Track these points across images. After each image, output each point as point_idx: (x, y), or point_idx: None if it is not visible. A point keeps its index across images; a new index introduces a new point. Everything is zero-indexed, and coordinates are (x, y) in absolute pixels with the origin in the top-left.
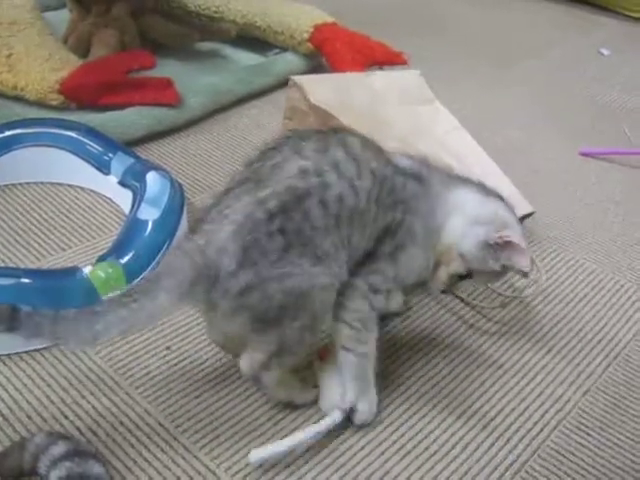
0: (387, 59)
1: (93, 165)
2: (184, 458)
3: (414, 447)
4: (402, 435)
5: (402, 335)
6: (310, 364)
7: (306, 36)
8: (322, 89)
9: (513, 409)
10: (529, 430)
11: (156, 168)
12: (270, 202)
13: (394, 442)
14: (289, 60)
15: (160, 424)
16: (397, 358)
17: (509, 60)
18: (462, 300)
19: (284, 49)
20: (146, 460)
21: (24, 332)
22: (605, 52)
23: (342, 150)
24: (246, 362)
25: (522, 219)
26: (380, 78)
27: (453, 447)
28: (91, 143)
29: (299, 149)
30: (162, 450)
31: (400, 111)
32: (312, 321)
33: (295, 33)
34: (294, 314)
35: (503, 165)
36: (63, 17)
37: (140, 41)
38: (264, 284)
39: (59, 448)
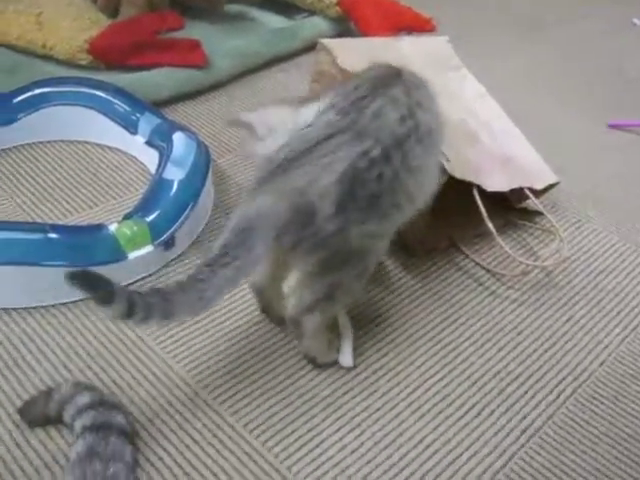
0: (416, 25)
1: (120, 125)
2: (205, 413)
3: (429, 410)
4: (418, 397)
5: (422, 300)
6: (334, 327)
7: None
8: (351, 53)
9: (530, 376)
10: (545, 397)
11: (183, 129)
12: (373, 151)
13: (410, 404)
14: (317, 24)
15: (182, 379)
16: (416, 322)
17: (540, 28)
18: (484, 267)
19: (312, 13)
20: (168, 413)
21: (138, 316)
22: (638, 22)
23: (419, 89)
24: (293, 302)
25: (547, 189)
26: (408, 43)
27: (468, 411)
28: (119, 103)
29: (393, 97)
30: (183, 404)
31: (428, 76)
32: (365, 271)
33: None
34: (356, 262)
35: (529, 134)
36: None
37: (169, 2)
38: (349, 229)
39: (84, 398)
